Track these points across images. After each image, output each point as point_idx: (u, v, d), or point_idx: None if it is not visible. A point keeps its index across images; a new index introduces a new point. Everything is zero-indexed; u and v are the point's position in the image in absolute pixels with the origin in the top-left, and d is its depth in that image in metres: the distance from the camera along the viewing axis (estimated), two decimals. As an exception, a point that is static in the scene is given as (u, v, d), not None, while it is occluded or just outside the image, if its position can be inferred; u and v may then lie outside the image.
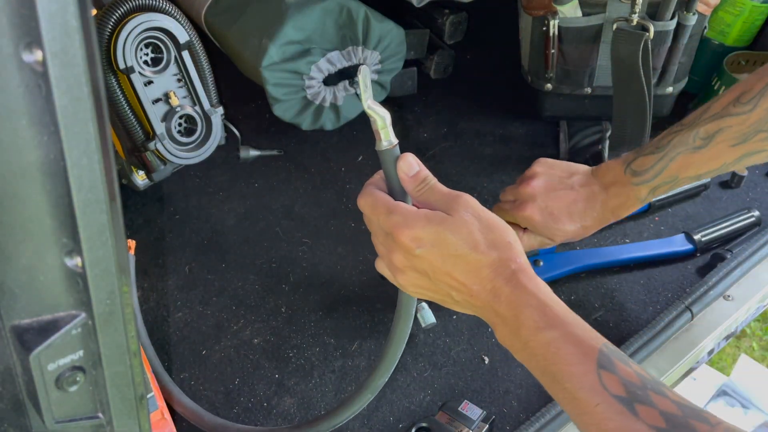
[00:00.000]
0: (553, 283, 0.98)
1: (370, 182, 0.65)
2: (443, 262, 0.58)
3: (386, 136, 0.60)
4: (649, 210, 1.11)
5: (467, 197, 0.60)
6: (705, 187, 1.14)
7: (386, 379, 0.73)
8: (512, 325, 0.56)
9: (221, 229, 1.10)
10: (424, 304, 0.92)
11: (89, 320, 0.38)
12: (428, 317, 0.92)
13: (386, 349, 0.71)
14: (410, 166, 0.61)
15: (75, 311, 0.38)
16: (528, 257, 0.96)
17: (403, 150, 0.62)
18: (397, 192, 0.62)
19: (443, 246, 0.58)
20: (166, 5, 0.94)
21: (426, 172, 0.62)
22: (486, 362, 0.90)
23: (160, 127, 0.99)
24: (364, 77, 0.57)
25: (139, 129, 0.99)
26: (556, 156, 1.22)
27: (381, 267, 0.66)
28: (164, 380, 0.85)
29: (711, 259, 1.02)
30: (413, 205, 0.62)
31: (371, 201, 0.62)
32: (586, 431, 0.53)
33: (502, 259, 0.58)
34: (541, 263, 0.97)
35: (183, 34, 0.96)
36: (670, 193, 1.11)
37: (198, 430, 0.83)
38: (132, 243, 0.95)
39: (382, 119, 0.59)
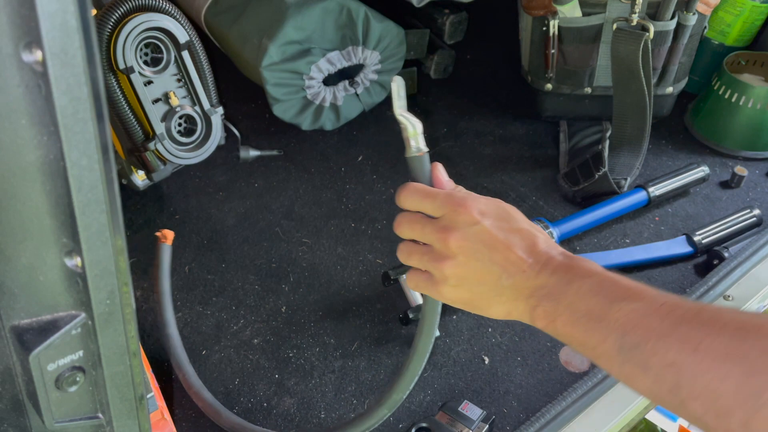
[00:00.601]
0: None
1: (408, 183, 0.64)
2: (505, 235, 0.57)
3: (417, 143, 0.61)
4: (649, 204, 1.11)
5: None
6: (704, 179, 1.14)
7: (405, 395, 0.72)
8: (564, 280, 0.55)
9: (221, 229, 1.10)
10: None
11: (89, 320, 0.38)
12: None
13: (406, 363, 0.70)
14: (443, 173, 0.63)
15: (75, 311, 0.38)
16: None
17: (402, 150, 0.62)
18: None
19: (506, 219, 0.58)
20: (165, 5, 0.94)
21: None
22: (486, 362, 0.90)
23: (159, 127, 0.99)
24: (399, 87, 0.59)
25: (139, 129, 0.99)
26: (555, 157, 1.23)
27: (416, 259, 0.61)
28: (188, 373, 0.86)
29: (708, 257, 1.02)
30: None
31: (422, 188, 0.61)
32: (644, 334, 0.48)
33: (549, 240, 0.59)
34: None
35: (183, 34, 0.96)
36: (669, 188, 1.11)
37: (198, 429, 0.84)
38: (170, 234, 0.94)
39: (413, 127, 0.60)
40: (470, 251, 0.57)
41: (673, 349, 0.46)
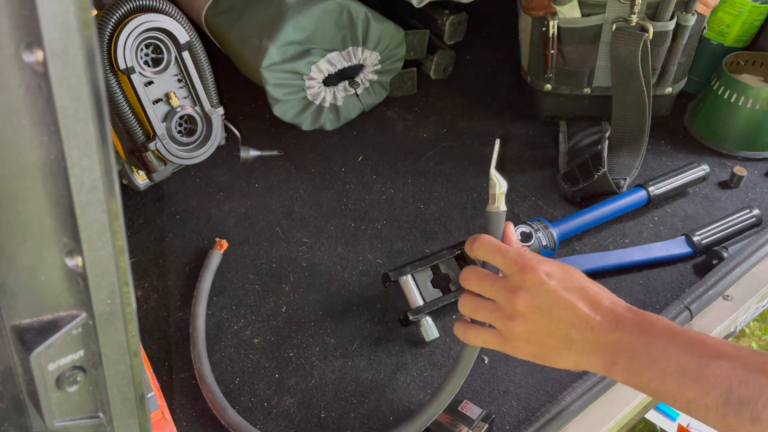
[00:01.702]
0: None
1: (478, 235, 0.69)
2: (570, 294, 0.62)
3: (500, 201, 0.68)
4: (649, 204, 1.11)
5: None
6: (704, 178, 1.14)
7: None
8: (644, 337, 0.59)
9: (221, 229, 1.10)
10: (428, 319, 0.92)
11: (89, 320, 0.38)
12: (432, 332, 0.92)
13: (430, 402, 0.77)
14: (514, 232, 0.69)
15: (75, 311, 0.38)
16: None
17: (402, 150, 0.64)
18: None
19: (569, 279, 0.63)
20: (166, 6, 0.94)
21: None
22: (486, 362, 0.90)
23: (160, 128, 0.99)
24: (498, 148, 0.68)
25: (139, 129, 0.99)
26: (555, 157, 1.23)
27: (483, 315, 0.66)
28: (204, 364, 0.89)
29: (707, 257, 1.02)
30: None
31: (496, 242, 0.66)
32: (753, 390, 0.52)
33: (613, 296, 0.63)
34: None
35: (183, 35, 0.96)
36: (669, 187, 1.11)
37: (199, 429, 0.84)
38: (225, 244, 1.04)
39: (500, 187, 0.67)
40: (538, 310, 0.62)
41: None
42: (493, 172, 0.68)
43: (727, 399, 0.54)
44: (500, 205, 0.68)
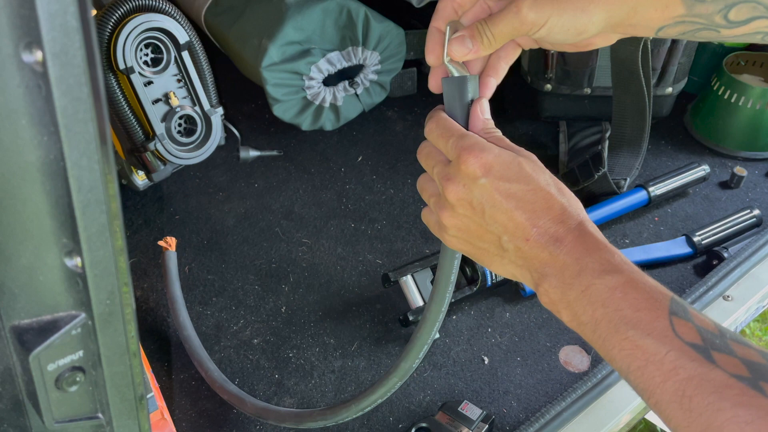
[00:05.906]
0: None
1: (439, 108, 0.60)
2: (507, 198, 0.53)
3: (456, 64, 0.55)
4: (649, 204, 1.11)
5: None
6: (704, 179, 1.14)
7: (422, 355, 0.69)
8: (571, 270, 0.50)
9: (221, 229, 1.10)
10: None
11: (89, 320, 0.38)
12: None
13: (425, 314, 0.67)
14: (484, 108, 0.60)
15: (75, 311, 0.37)
16: None
17: (402, 150, 0.62)
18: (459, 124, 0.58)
19: (513, 178, 0.54)
20: (166, 6, 0.94)
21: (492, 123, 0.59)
22: (486, 362, 0.90)
23: (159, 128, 0.99)
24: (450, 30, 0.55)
25: (138, 129, 0.99)
26: (555, 157, 1.23)
27: (426, 197, 0.59)
28: (210, 369, 0.86)
29: (708, 257, 1.02)
30: None
31: (444, 123, 0.57)
32: (648, 385, 0.46)
33: (571, 208, 0.54)
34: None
35: (183, 35, 0.96)
36: (670, 187, 1.11)
37: (198, 429, 0.84)
38: (173, 240, 0.98)
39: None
40: (469, 206, 0.54)
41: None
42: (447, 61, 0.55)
43: (626, 376, 0.48)
44: (456, 69, 0.55)
